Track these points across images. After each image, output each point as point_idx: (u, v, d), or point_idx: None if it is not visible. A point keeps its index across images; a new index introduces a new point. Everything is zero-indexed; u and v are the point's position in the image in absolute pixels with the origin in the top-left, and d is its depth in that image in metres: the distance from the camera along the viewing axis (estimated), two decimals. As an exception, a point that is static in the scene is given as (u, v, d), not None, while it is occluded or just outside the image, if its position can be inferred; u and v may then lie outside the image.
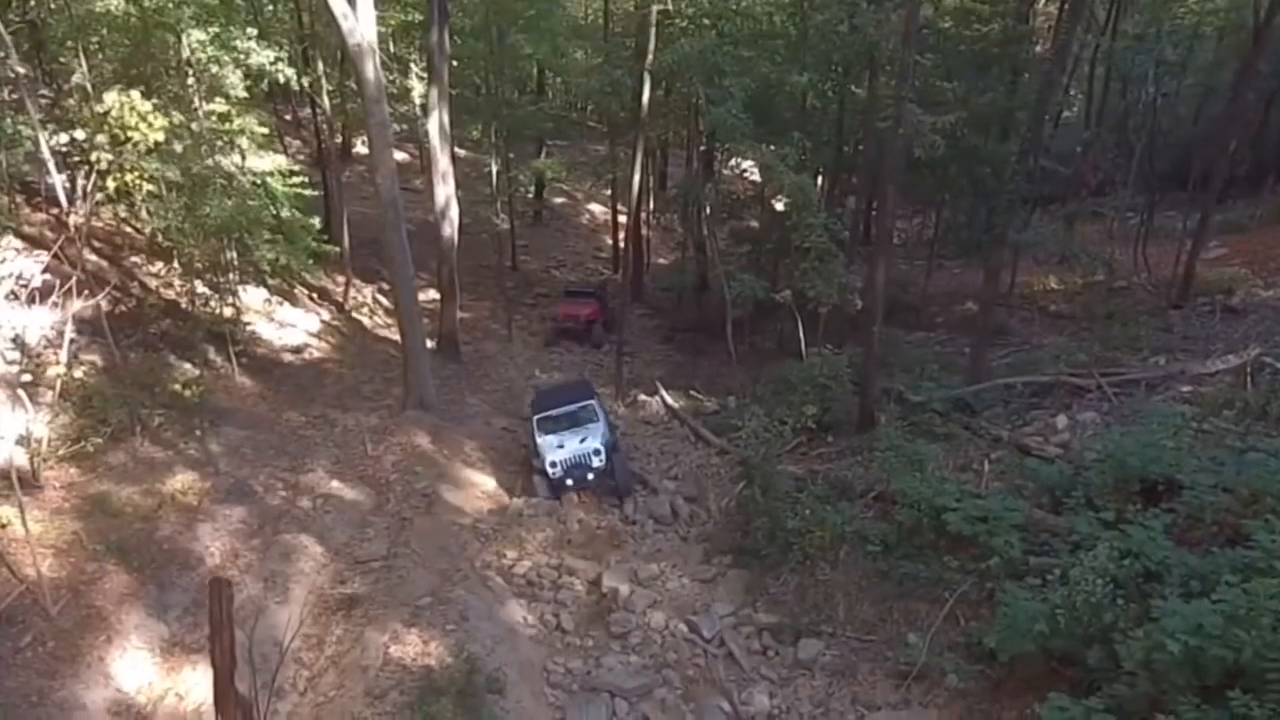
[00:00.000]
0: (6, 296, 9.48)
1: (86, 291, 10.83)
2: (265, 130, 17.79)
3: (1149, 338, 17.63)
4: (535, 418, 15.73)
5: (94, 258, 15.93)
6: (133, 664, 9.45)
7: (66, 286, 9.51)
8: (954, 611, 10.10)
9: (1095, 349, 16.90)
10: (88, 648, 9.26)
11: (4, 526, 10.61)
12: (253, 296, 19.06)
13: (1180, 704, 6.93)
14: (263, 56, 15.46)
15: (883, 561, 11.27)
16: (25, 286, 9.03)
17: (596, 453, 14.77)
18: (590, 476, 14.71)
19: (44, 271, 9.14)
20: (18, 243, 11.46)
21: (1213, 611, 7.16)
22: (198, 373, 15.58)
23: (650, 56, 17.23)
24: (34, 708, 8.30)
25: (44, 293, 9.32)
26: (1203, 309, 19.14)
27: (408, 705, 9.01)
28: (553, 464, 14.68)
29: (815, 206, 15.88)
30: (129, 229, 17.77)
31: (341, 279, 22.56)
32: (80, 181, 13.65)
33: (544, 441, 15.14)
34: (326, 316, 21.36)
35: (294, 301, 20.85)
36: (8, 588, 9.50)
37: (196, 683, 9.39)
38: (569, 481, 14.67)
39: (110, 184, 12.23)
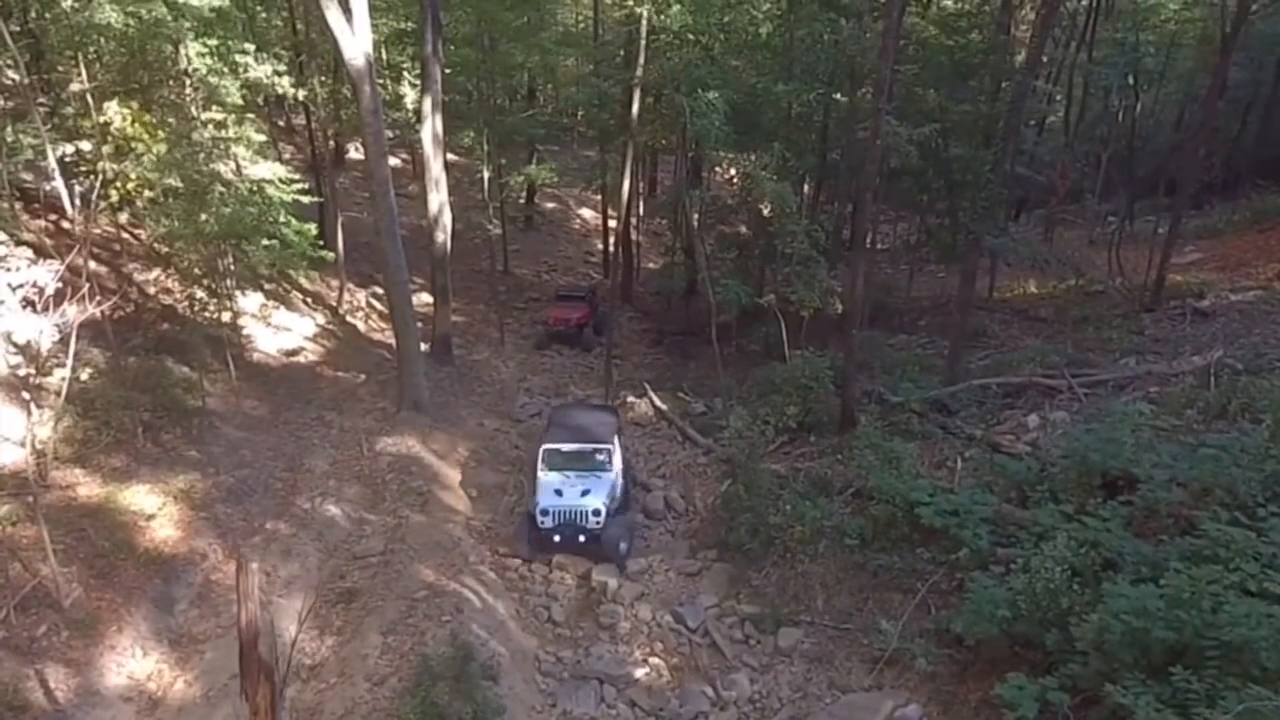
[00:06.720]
0: (23, 304, 9.84)
1: (98, 297, 11.22)
2: (262, 138, 18.17)
3: (1121, 340, 18.24)
4: (543, 446, 14.00)
5: (93, 264, 16.35)
6: (143, 653, 9.89)
7: (80, 294, 9.92)
8: (925, 600, 10.63)
9: (1069, 351, 17.50)
10: (100, 638, 9.70)
11: (14, 524, 11.04)
12: (249, 302, 19.48)
13: (1127, 680, 7.45)
14: (261, 70, 15.78)
15: (859, 554, 11.80)
16: (41, 295, 9.40)
17: (595, 513, 12.92)
18: (581, 539, 12.92)
19: (55, 279, 9.51)
20: (28, 252, 11.80)
21: (1157, 595, 7.71)
22: (196, 377, 15.98)
23: (639, 71, 17.71)
24: (50, 693, 8.72)
25: (53, 299, 9.70)
26: (1174, 312, 19.75)
27: (406, 690, 9.47)
28: (544, 512, 12.97)
29: (796, 213, 16.38)
30: (127, 235, 18.16)
31: (336, 283, 22.96)
32: (80, 190, 13.99)
33: (543, 480, 13.56)
34: (321, 320, 21.76)
35: (289, 306, 21.25)
36: (20, 582, 9.94)
37: (205, 670, 9.85)
38: (556, 538, 12.99)
39: (114, 193, 12.58)
